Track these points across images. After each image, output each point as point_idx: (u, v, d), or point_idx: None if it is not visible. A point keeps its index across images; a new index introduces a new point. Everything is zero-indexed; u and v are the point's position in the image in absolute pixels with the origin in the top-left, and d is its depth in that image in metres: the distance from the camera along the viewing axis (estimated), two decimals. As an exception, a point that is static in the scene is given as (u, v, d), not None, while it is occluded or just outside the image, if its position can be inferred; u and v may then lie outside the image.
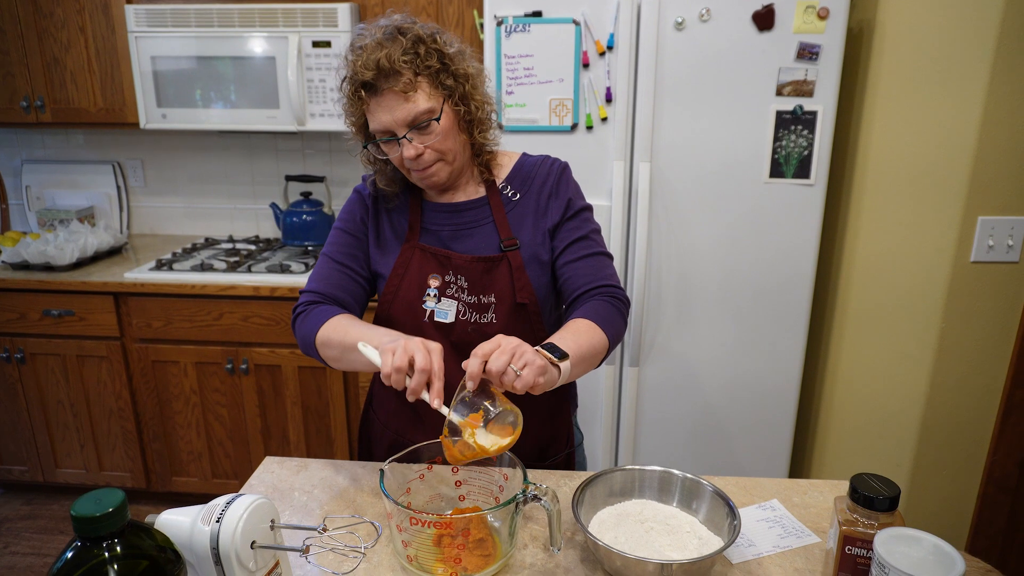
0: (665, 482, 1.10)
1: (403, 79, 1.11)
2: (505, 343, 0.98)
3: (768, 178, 2.01)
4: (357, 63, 1.13)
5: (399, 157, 1.19)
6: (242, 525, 0.81)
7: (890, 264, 2.14)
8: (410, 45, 1.12)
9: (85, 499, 0.67)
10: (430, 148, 1.17)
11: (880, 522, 0.91)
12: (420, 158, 1.17)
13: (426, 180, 1.22)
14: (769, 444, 2.21)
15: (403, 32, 1.14)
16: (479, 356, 0.96)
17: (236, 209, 3.01)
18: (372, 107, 1.15)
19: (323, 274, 1.29)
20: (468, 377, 0.96)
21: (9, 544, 2.54)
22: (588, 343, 1.10)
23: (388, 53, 1.11)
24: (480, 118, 1.22)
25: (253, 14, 2.40)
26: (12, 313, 2.49)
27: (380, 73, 1.11)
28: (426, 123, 1.14)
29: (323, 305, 1.24)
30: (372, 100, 1.15)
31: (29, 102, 2.60)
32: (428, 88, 1.14)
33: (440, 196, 1.30)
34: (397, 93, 1.12)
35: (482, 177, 1.30)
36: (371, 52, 1.12)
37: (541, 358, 0.99)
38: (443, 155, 1.19)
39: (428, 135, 1.16)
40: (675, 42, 1.95)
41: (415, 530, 0.95)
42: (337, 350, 1.15)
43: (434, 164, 1.19)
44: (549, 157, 1.33)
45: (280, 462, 1.29)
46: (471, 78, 1.19)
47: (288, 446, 2.56)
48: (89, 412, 2.59)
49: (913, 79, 2.00)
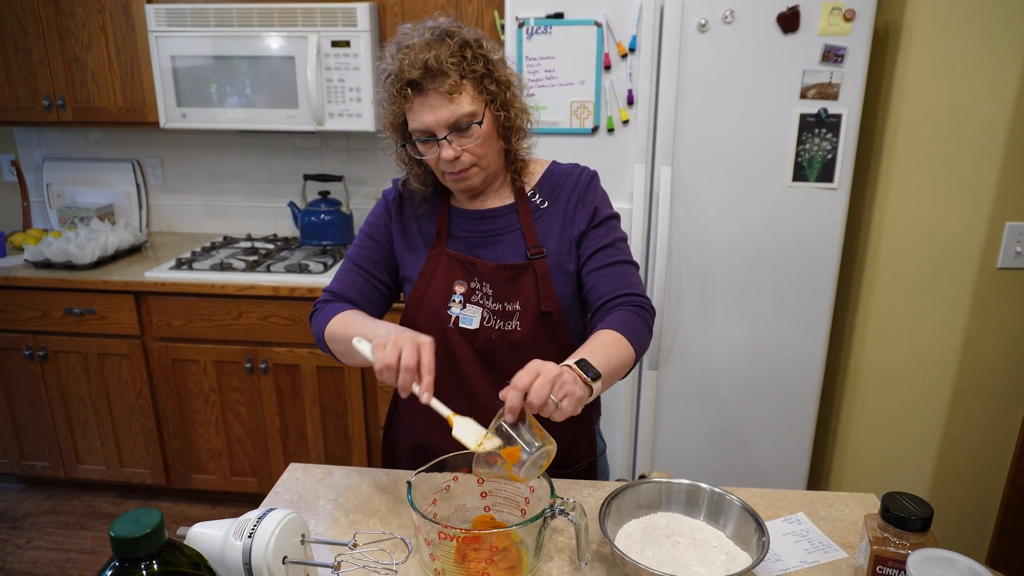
0: (692, 495, 1.10)
1: (449, 80, 1.12)
2: (544, 373, 0.94)
3: (791, 181, 1.99)
4: (404, 61, 1.13)
5: (436, 158, 1.19)
6: (274, 540, 0.82)
7: (915, 269, 2.11)
8: (457, 48, 1.13)
9: (123, 519, 0.67)
10: (468, 151, 1.17)
11: (912, 542, 0.91)
12: (457, 161, 1.18)
13: (460, 184, 1.22)
14: (789, 449, 2.20)
15: (450, 35, 1.15)
16: (519, 389, 0.93)
17: (254, 207, 3.02)
18: (415, 106, 1.15)
19: (342, 276, 1.32)
20: (508, 411, 0.94)
21: (32, 539, 2.57)
22: (617, 357, 1.09)
23: (437, 54, 1.11)
24: (517, 126, 1.23)
25: (272, 13, 2.39)
26: (35, 311, 2.51)
27: (427, 73, 1.12)
28: (467, 126, 1.15)
29: (338, 302, 1.27)
30: (416, 99, 1.15)
31: (51, 101, 2.62)
32: (472, 92, 1.15)
33: (469, 202, 1.30)
34: (442, 94, 1.13)
35: (512, 184, 1.30)
36: (419, 52, 1.12)
37: (581, 386, 0.98)
38: (479, 160, 1.20)
39: (468, 138, 1.17)
40: (698, 44, 1.93)
41: (443, 543, 0.95)
42: (342, 344, 1.17)
43: (470, 168, 1.20)
44: (579, 166, 1.32)
45: (305, 469, 1.30)
46: (511, 86, 1.20)
47: (306, 445, 2.57)
48: (110, 409, 2.61)
49: (940, 82, 1.97)
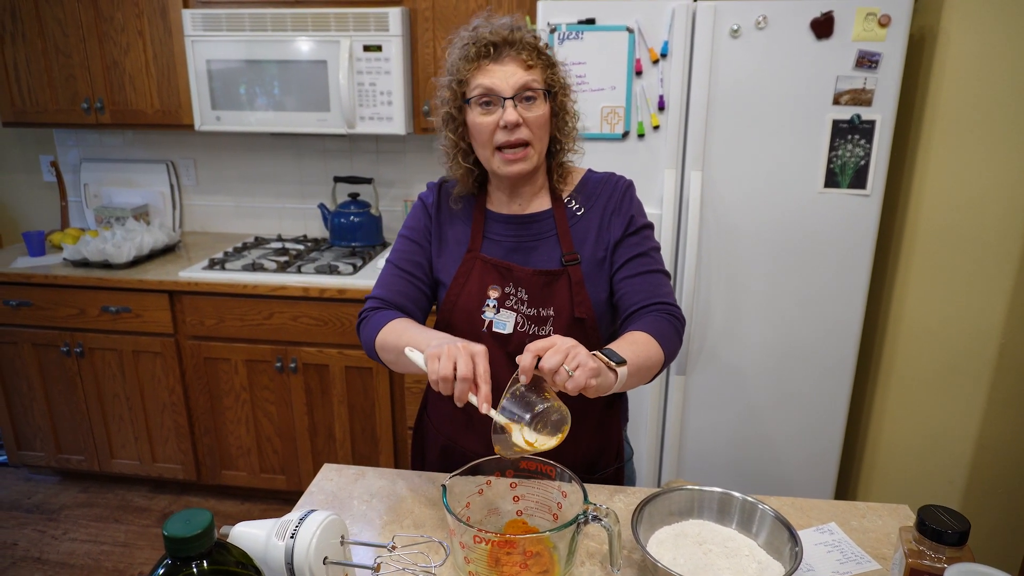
0: (724, 503, 1.10)
1: (525, 52, 1.19)
2: (560, 343, 0.99)
3: (823, 188, 1.98)
4: (483, 30, 1.20)
5: (493, 126, 1.20)
6: (315, 541, 0.84)
7: (948, 276, 2.08)
8: (531, 39, 1.21)
9: (175, 519, 0.69)
10: (527, 124, 1.19)
11: (947, 556, 0.90)
12: (517, 128, 1.19)
13: (512, 165, 1.22)
14: (817, 457, 2.19)
15: (522, 30, 1.22)
16: (532, 351, 0.98)
17: (284, 208, 3.07)
18: (487, 68, 1.19)
19: (386, 280, 1.31)
20: (520, 371, 0.98)
21: (68, 531, 2.64)
22: (645, 354, 1.11)
23: (519, 33, 1.19)
24: (567, 130, 1.27)
25: (306, 18, 2.43)
26: (72, 309, 2.57)
27: (507, 41, 1.18)
28: (533, 98, 1.19)
29: (384, 310, 1.27)
30: (490, 63, 1.19)
31: (89, 103, 2.68)
32: (541, 75, 1.21)
33: (507, 206, 1.30)
34: (519, 60, 1.18)
35: (551, 189, 1.31)
36: (498, 27, 1.19)
37: (594, 360, 1.00)
38: (534, 140, 1.21)
39: (531, 110, 1.20)
40: (730, 50, 1.93)
41: (477, 547, 0.96)
42: (392, 354, 1.18)
43: (527, 147, 1.21)
44: (615, 175, 1.33)
45: (338, 470, 1.32)
46: (567, 89, 1.25)
47: (334, 444, 2.60)
48: (144, 406, 2.67)
49: (977, 88, 1.95)
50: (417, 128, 2.57)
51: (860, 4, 1.84)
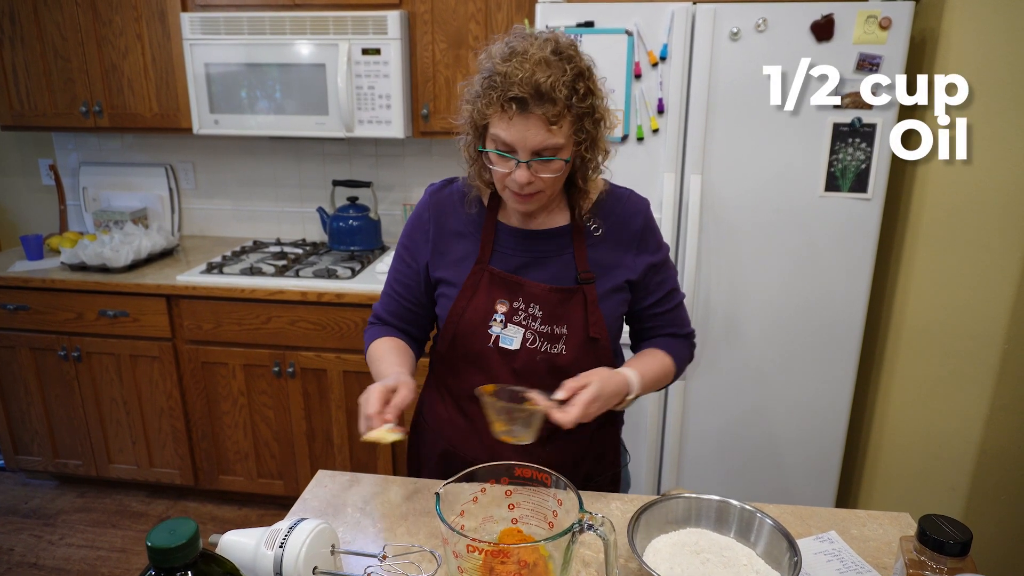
0: (722, 512, 1.09)
1: (555, 109, 1.08)
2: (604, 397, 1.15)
3: (823, 191, 1.97)
4: (517, 73, 1.07)
5: (506, 175, 1.15)
6: (305, 551, 0.82)
7: (949, 281, 2.07)
8: (572, 78, 1.09)
9: (159, 530, 0.68)
10: (540, 178, 1.14)
11: (949, 566, 0.88)
12: (528, 185, 1.14)
13: (520, 205, 1.19)
14: (818, 463, 2.17)
15: (569, 60, 1.10)
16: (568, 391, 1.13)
17: (283, 212, 3.06)
18: (509, 120, 1.10)
19: (384, 299, 1.40)
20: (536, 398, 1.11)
21: (64, 536, 2.62)
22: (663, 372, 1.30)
23: (552, 78, 1.07)
24: (596, 163, 1.20)
25: (304, 22, 2.42)
26: (70, 313, 2.56)
27: (536, 95, 1.07)
28: (551, 158, 1.12)
29: (378, 326, 1.38)
30: (514, 115, 1.09)
31: (88, 107, 2.67)
32: (568, 128, 1.11)
33: (521, 221, 1.27)
34: (543, 120, 1.08)
35: (569, 207, 1.27)
36: (534, 67, 1.07)
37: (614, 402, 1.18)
38: (547, 188, 1.17)
39: (546, 168, 1.14)
40: (730, 52, 1.91)
41: (471, 556, 0.95)
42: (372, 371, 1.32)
43: (536, 194, 1.17)
44: (634, 194, 1.31)
45: (332, 476, 1.31)
46: (604, 120, 1.17)
47: (332, 449, 2.59)
48: (141, 410, 2.66)
49: (979, 91, 1.93)
50: (416, 132, 2.56)
51: (861, 7, 1.83)
